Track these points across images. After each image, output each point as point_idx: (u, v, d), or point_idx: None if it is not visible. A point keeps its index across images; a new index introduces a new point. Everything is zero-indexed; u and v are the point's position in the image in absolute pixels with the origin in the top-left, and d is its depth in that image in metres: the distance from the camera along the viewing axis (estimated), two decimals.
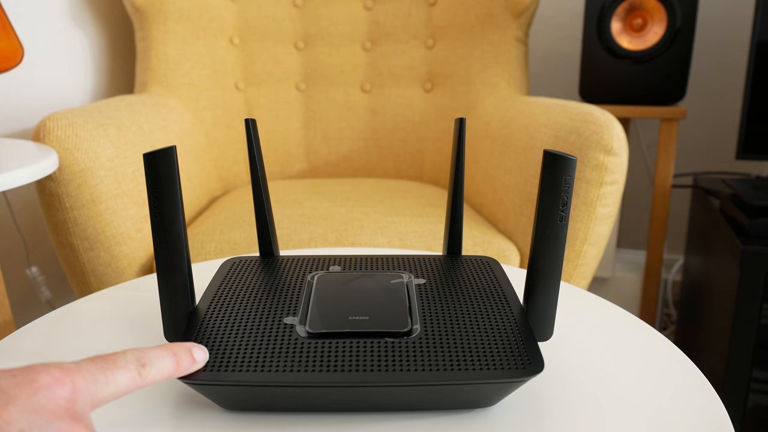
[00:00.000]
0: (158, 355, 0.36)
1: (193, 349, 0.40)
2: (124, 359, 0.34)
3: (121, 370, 0.33)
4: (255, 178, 0.56)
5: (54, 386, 0.29)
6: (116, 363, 0.33)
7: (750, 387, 1.04)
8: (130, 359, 0.34)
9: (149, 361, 0.35)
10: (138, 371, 0.34)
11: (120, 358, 0.34)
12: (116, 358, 0.33)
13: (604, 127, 0.93)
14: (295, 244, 0.98)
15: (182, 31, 1.33)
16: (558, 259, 0.44)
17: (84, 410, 0.30)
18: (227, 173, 1.39)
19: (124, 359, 0.34)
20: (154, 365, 0.35)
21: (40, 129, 0.92)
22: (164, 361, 0.36)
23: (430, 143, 1.41)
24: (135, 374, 0.34)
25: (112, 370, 0.32)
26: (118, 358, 0.34)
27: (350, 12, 1.40)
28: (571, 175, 0.42)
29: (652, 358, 0.50)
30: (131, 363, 0.34)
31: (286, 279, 0.53)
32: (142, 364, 0.34)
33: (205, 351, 0.41)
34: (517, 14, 1.31)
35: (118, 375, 0.33)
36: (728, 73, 1.58)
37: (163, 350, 0.37)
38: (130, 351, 0.35)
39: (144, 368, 0.34)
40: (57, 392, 0.29)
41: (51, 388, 0.29)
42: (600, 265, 1.53)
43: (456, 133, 0.55)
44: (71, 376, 0.30)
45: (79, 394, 0.30)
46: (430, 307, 0.47)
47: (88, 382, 0.31)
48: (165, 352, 0.37)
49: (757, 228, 1.01)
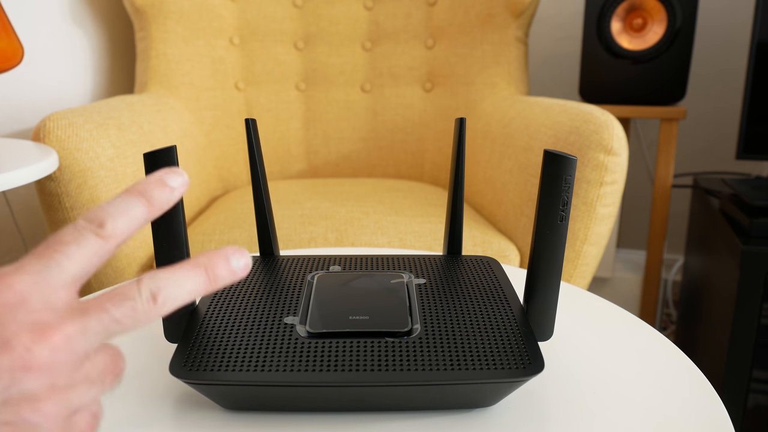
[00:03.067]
0: (118, 206, 0.29)
1: (165, 176, 0.31)
2: (74, 230, 0.28)
3: (73, 243, 0.27)
4: (255, 178, 0.56)
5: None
6: (63, 240, 0.27)
7: (750, 387, 1.04)
8: (81, 226, 0.28)
9: (108, 216, 0.28)
10: (97, 234, 0.28)
11: (68, 232, 0.28)
12: (62, 235, 0.27)
13: (604, 127, 0.93)
14: (295, 244, 0.98)
15: (182, 31, 1.33)
16: (558, 259, 0.44)
17: (48, 301, 0.26)
18: (227, 173, 1.39)
19: (74, 230, 0.28)
20: (116, 219, 0.28)
21: (40, 129, 0.92)
22: (129, 209, 0.29)
23: (430, 143, 1.41)
24: (94, 239, 0.28)
25: (61, 249, 0.27)
26: (66, 233, 0.28)
27: (350, 12, 1.40)
28: (571, 175, 0.42)
29: (652, 358, 0.50)
30: (83, 230, 0.28)
31: (286, 279, 0.53)
32: (99, 224, 0.28)
33: (181, 174, 0.32)
34: (517, 14, 1.31)
35: (70, 250, 0.27)
36: (728, 73, 1.58)
37: (124, 196, 0.29)
38: (80, 216, 0.28)
39: (103, 227, 0.28)
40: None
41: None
42: (600, 265, 1.53)
43: (456, 133, 0.55)
44: (6, 280, 0.26)
45: (30, 291, 0.26)
46: (431, 307, 0.48)
47: (34, 273, 0.26)
48: (126, 197, 0.29)
49: (757, 228, 1.01)
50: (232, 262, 0.30)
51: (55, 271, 0.27)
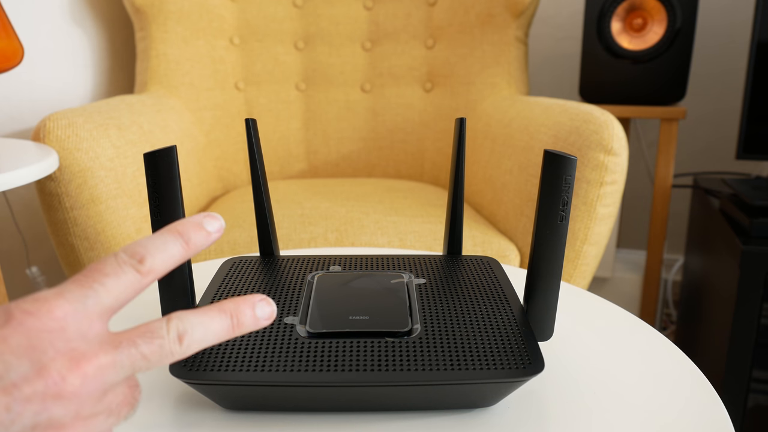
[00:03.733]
0: (157, 243, 0.30)
1: (204, 220, 0.32)
2: (115, 262, 0.29)
3: (112, 275, 0.28)
4: (255, 178, 0.56)
5: (27, 319, 0.25)
6: (103, 270, 0.28)
7: (750, 387, 1.04)
8: (121, 260, 0.29)
9: (147, 253, 0.29)
10: (136, 269, 0.29)
11: (108, 264, 0.29)
12: (103, 265, 0.29)
13: (604, 127, 0.93)
14: (295, 244, 0.98)
15: (182, 31, 1.33)
16: (558, 259, 0.44)
17: (83, 331, 0.27)
18: (227, 173, 1.39)
19: (115, 262, 0.29)
20: (155, 256, 0.30)
21: (40, 129, 0.92)
22: (167, 247, 0.30)
23: (430, 143, 1.41)
24: (132, 274, 0.29)
25: (101, 279, 0.28)
26: (106, 264, 0.29)
27: (350, 12, 1.40)
28: (572, 175, 0.42)
29: (652, 358, 0.50)
30: (123, 264, 0.29)
31: (287, 279, 0.53)
32: (139, 260, 0.29)
33: (218, 219, 0.33)
34: (517, 14, 1.31)
35: (109, 282, 0.28)
36: (728, 73, 1.58)
37: (164, 234, 0.31)
38: (121, 250, 0.30)
39: (142, 263, 0.29)
40: (32, 324, 0.25)
41: (23, 323, 0.25)
42: (600, 265, 1.53)
43: (456, 133, 0.55)
44: (47, 305, 0.26)
45: (68, 319, 0.26)
46: (431, 306, 0.48)
47: (74, 302, 0.27)
48: (166, 236, 0.31)
49: (757, 228, 1.01)
50: (257, 311, 0.32)
51: (93, 301, 0.28)
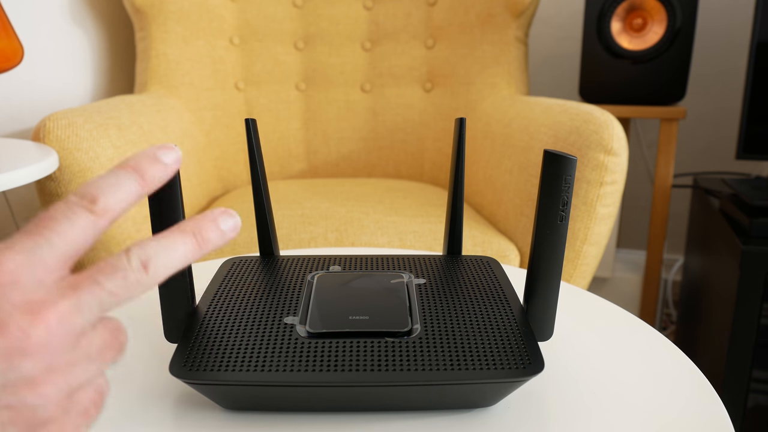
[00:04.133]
0: (110, 180, 0.28)
1: (158, 151, 0.30)
2: (65, 206, 0.26)
3: (64, 220, 0.26)
4: (255, 178, 0.56)
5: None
6: (54, 217, 0.26)
7: (750, 387, 1.04)
8: (72, 202, 0.27)
9: (100, 192, 0.27)
10: (89, 209, 0.27)
11: (59, 209, 0.26)
12: (53, 212, 0.26)
13: (604, 127, 0.93)
14: (295, 244, 0.98)
15: (182, 31, 1.33)
16: (558, 259, 0.44)
17: (39, 280, 0.25)
18: (227, 173, 1.39)
19: (65, 206, 0.26)
20: (108, 194, 0.27)
21: (40, 129, 0.92)
22: (121, 183, 0.28)
23: (430, 143, 1.41)
24: (86, 216, 0.27)
25: (52, 226, 0.26)
26: (57, 210, 0.26)
27: (350, 12, 1.40)
28: (571, 175, 0.42)
29: (652, 358, 0.50)
30: (75, 206, 0.27)
31: (286, 279, 0.53)
32: (91, 200, 0.27)
33: (174, 149, 0.30)
34: (517, 14, 1.31)
35: (61, 227, 0.26)
36: (728, 73, 1.58)
37: (116, 171, 0.28)
38: (71, 193, 0.27)
39: (95, 203, 0.27)
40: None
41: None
42: (600, 265, 1.53)
43: (456, 133, 0.55)
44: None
45: (21, 271, 0.25)
46: (431, 307, 0.47)
47: (25, 252, 0.25)
48: (119, 172, 0.28)
49: (757, 228, 1.01)
50: (220, 224, 0.30)
51: (46, 248, 0.26)
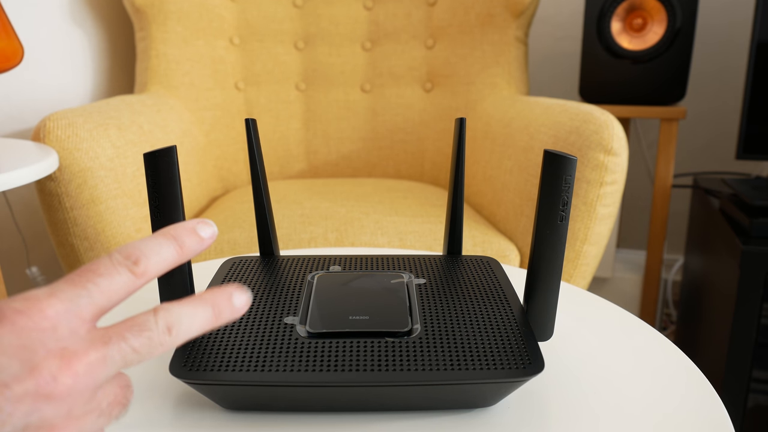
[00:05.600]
0: (152, 245, 0.30)
1: (198, 226, 0.33)
2: (109, 263, 0.29)
3: (106, 276, 0.28)
4: (255, 178, 0.56)
5: (18, 318, 0.25)
6: (97, 271, 0.28)
7: (750, 387, 1.04)
8: (116, 260, 0.29)
9: (142, 255, 0.30)
10: (130, 270, 0.29)
11: (103, 264, 0.28)
12: (97, 266, 0.28)
13: (604, 127, 0.93)
14: (295, 244, 0.98)
15: (182, 31, 1.33)
16: (558, 259, 0.44)
17: (74, 330, 0.26)
18: (227, 173, 1.39)
19: (109, 263, 0.29)
20: (150, 258, 0.30)
21: (40, 129, 0.92)
22: (162, 250, 0.31)
23: (430, 143, 1.41)
24: (127, 275, 0.29)
25: (95, 279, 0.28)
26: (101, 264, 0.28)
27: (350, 12, 1.40)
28: (572, 175, 0.42)
29: (652, 358, 0.50)
30: (118, 265, 0.29)
31: (286, 279, 0.53)
32: (134, 261, 0.29)
33: (211, 225, 0.34)
34: (517, 14, 1.31)
35: (103, 282, 0.28)
36: (728, 72, 1.58)
37: (158, 237, 0.31)
38: (116, 250, 0.30)
39: (137, 265, 0.29)
40: (24, 324, 0.25)
41: (15, 322, 0.25)
42: (600, 265, 1.53)
43: (456, 133, 0.55)
44: (39, 304, 0.26)
45: (59, 318, 0.26)
46: (431, 307, 0.47)
47: (66, 301, 0.27)
48: (160, 239, 0.31)
49: (757, 228, 1.01)
50: (234, 300, 0.32)
51: (86, 300, 0.27)
